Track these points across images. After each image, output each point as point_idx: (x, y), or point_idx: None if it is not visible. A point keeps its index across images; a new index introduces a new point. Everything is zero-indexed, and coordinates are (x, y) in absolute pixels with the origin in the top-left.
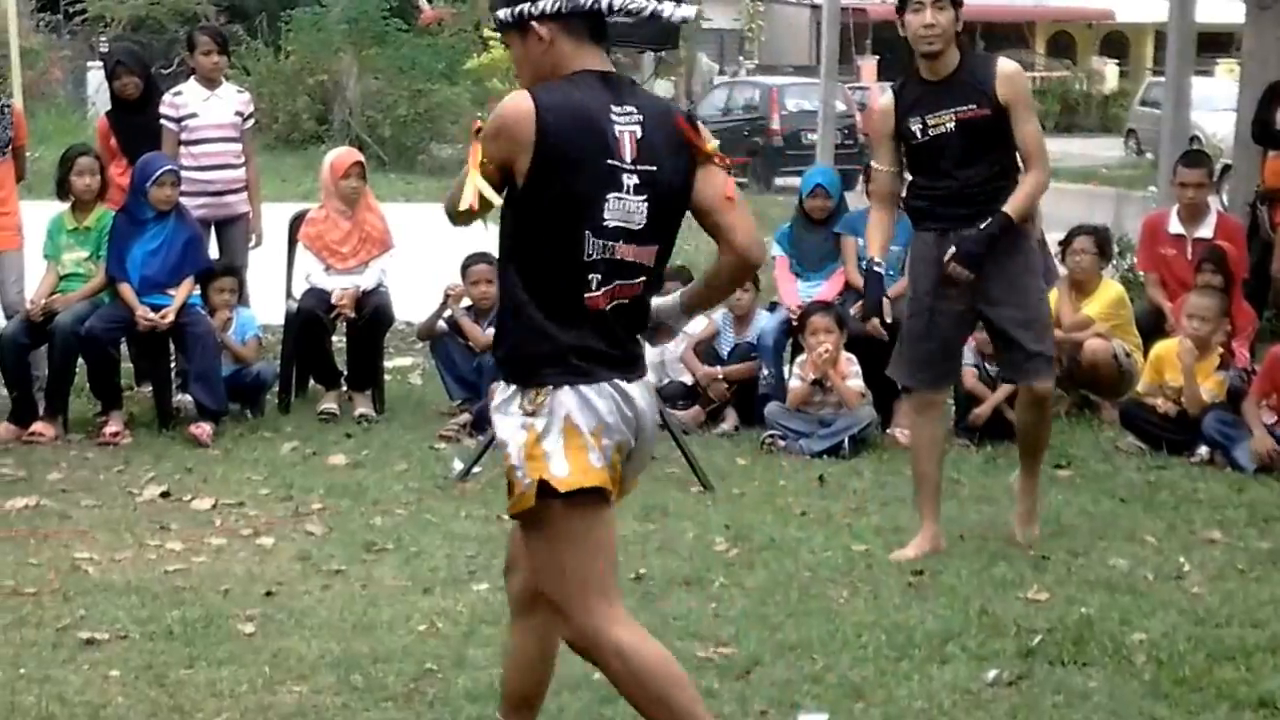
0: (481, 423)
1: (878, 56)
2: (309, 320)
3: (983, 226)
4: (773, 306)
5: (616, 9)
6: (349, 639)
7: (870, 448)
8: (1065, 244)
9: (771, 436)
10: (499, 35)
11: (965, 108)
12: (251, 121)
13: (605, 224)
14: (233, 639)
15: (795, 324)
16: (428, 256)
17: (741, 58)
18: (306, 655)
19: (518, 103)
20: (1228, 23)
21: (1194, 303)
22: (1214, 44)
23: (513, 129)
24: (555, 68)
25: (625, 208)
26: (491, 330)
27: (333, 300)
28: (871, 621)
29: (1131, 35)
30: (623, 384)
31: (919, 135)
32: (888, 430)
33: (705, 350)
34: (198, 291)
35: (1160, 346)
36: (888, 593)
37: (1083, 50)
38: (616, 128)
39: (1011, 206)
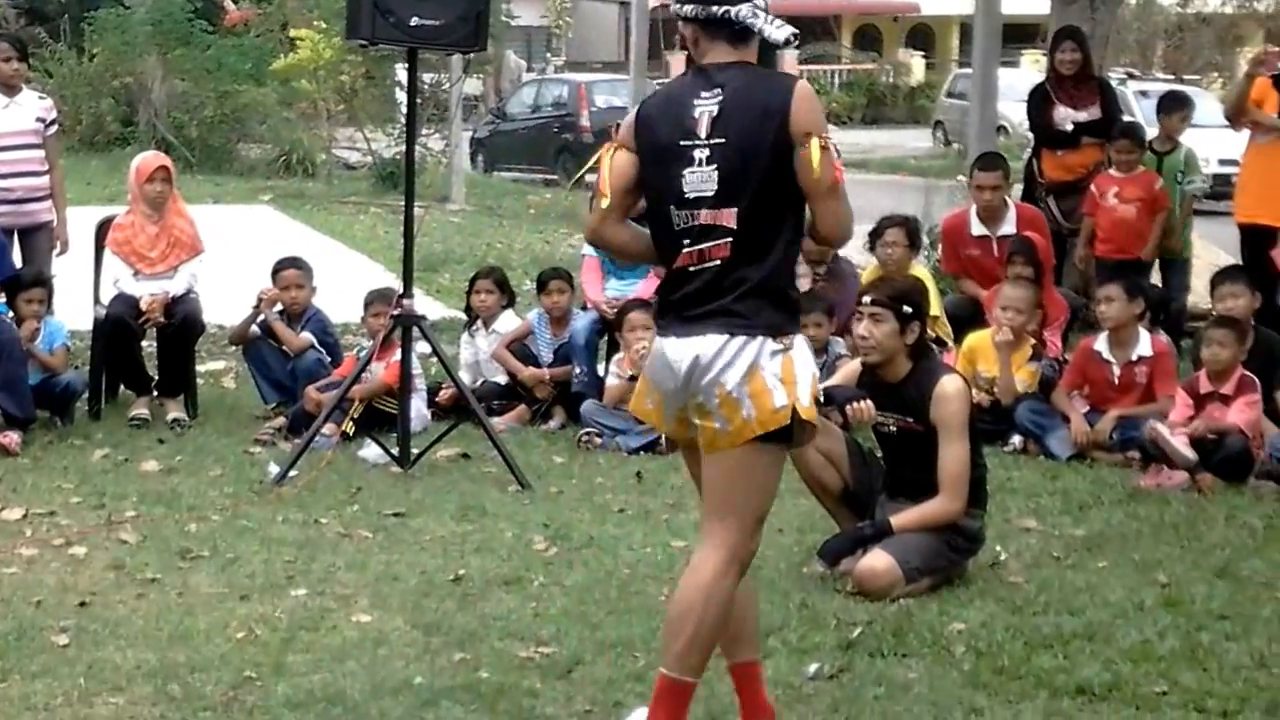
0: (297, 426)
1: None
2: (118, 327)
3: (860, 525)
4: (584, 307)
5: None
6: (165, 648)
7: None
8: (875, 235)
9: (588, 434)
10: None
11: (904, 418)
12: (55, 128)
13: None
14: (46, 651)
15: (611, 321)
16: (238, 259)
17: (549, 54)
18: (122, 666)
19: None
20: (1033, 14)
21: (1007, 294)
22: (1020, 35)
23: None
24: None
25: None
26: (306, 334)
27: (142, 306)
28: None
29: (936, 28)
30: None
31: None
32: None
33: (519, 351)
34: (3, 300)
35: (973, 338)
36: None
37: (889, 43)
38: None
39: (898, 519)
